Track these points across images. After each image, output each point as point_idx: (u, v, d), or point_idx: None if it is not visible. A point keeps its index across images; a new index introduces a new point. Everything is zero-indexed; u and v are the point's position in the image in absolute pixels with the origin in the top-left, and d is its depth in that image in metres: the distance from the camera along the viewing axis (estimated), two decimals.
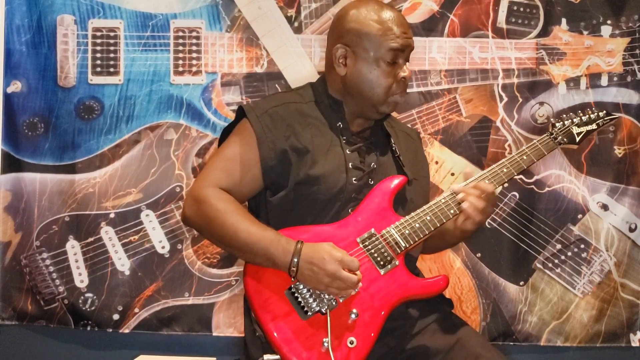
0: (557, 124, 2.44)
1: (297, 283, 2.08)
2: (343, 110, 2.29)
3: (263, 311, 2.08)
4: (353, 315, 2.07)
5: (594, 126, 2.47)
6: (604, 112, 2.51)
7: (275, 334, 2.05)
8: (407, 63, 2.28)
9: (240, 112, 2.27)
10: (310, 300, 2.06)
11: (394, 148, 2.35)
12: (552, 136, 2.39)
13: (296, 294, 2.07)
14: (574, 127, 2.44)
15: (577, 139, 2.43)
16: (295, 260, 2.04)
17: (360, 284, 2.07)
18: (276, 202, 2.21)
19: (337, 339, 2.05)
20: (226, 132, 2.32)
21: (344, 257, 2.05)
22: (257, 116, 2.21)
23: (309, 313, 2.06)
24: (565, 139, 2.40)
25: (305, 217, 2.19)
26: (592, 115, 2.48)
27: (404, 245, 2.15)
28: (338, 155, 2.23)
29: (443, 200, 2.22)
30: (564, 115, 2.46)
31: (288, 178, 2.18)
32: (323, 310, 2.05)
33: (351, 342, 2.06)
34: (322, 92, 2.32)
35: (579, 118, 2.46)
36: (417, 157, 2.47)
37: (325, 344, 2.03)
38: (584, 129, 2.45)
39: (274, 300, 2.08)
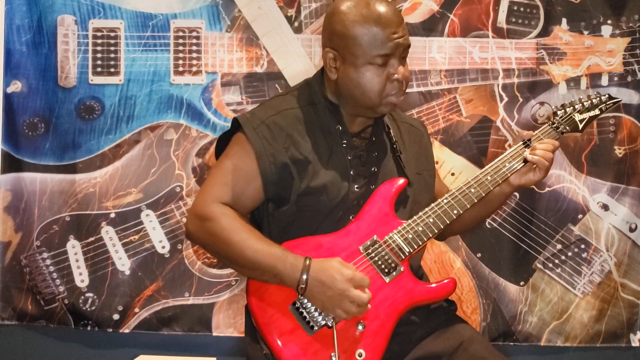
0: (558, 112, 2.38)
1: (302, 297, 2.04)
2: (341, 112, 2.23)
3: (268, 328, 2.05)
4: (360, 327, 2.05)
5: (597, 111, 2.41)
6: (606, 95, 2.45)
7: (282, 351, 2.03)
8: (405, 61, 2.17)
9: (236, 124, 2.21)
10: (316, 314, 2.04)
11: (395, 146, 2.32)
12: (553, 125, 2.33)
13: (301, 309, 2.05)
14: (576, 114, 2.38)
15: (580, 126, 2.38)
16: (305, 277, 2.00)
17: (369, 306, 2.03)
18: (278, 215, 2.18)
19: (345, 352, 2.03)
20: (221, 142, 2.26)
21: (355, 275, 2.01)
22: (254, 128, 2.15)
23: (315, 327, 2.03)
24: (567, 127, 2.35)
25: (308, 227, 2.15)
26: (594, 100, 2.42)
27: (408, 250, 2.12)
28: (340, 163, 2.18)
29: (445, 201, 2.20)
30: (565, 103, 2.42)
31: (290, 191, 2.14)
32: (329, 323, 2.03)
33: (360, 355, 2.04)
34: (319, 93, 2.25)
35: (580, 104, 2.40)
36: (420, 148, 2.42)
37: (334, 358, 2.01)
38: (586, 115, 2.40)
39: (278, 316, 2.06)
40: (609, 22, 3.38)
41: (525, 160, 2.26)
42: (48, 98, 3.34)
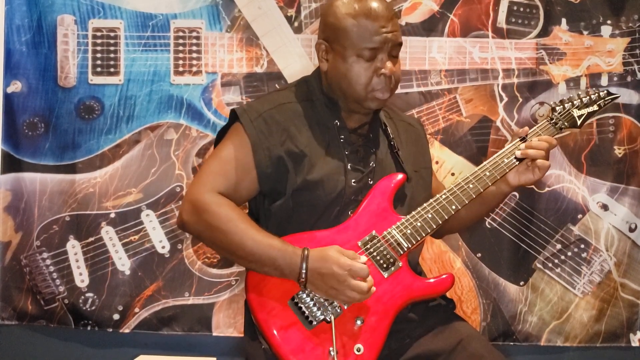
0: (557, 108, 2.38)
1: (300, 293, 2.06)
2: (339, 107, 2.24)
3: (267, 323, 2.06)
4: (359, 322, 2.06)
5: (595, 107, 2.42)
6: (605, 91, 2.45)
7: (281, 346, 2.03)
8: (395, 59, 2.19)
9: (234, 115, 2.23)
10: (315, 309, 2.05)
11: (392, 143, 2.32)
12: (552, 121, 2.34)
13: (300, 304, 2.05)
14: (574, 110, 2.38)
15: (579, 122, 2.38)
16: (304, 269, 2.02)
17: (374, 289, 2.04)
18: (275, 210, 2.18)
19: (343, 347, 2.03)
20: (221, 135, 2.27)
21: (353, 265, 2.01)
22: (251, 120, 2.17)
23: (314, 322, 2.04)
24: (566, 123, 2.35)
25: (305, 222, 2.16)
26: (592, 96, 2.42)
27: (406, 245, 2.13)
28: (336, 157, 2.19)
29: (444, 197, 2.21)
30: (564, 99, 2.42)
31: (285, 185, 2.15)
32: (328, 318, 2.03)
33: (358, 350, 2.04)
34: (317, 89, 2.27)
35: (579, 100, 2.40)
36: (418, 147, 2.43)
37: (332, 353, 2.01)
38: (585, 111, 2.40)
39: (277, 311, 2.06)
40: (609, 22, 3.38)
41: (519, 158, 2.26)
42: (48, 98, 3.35)
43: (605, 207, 3.40)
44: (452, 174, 3.36)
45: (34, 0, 3.31)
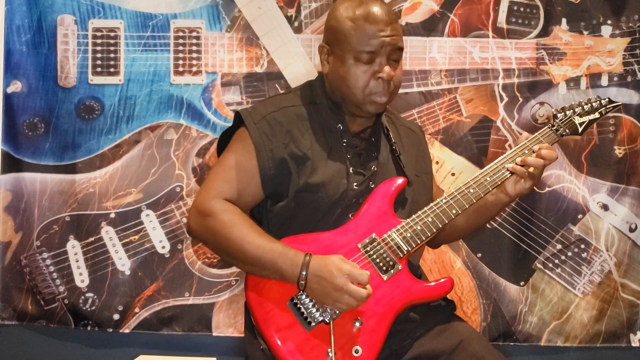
0: (558, 115, 2.38)
1: (300, 294, 2.06)
2: (342, 110, 2.26)
3: (266, 324, 2.06)
4: (357, 324, 2.06)
5: (596, 115, 2.43)
6: (606, 99, 2.45)
7: (279, 347, 2.04)
8: (395, 63, 2.19)
9: (238, 118, 2.24)
10: (313, 310, 2.05)
11: (394, 147, 2.33)
12: (553, 128, 2.34)
13: (298, 305, 2.05)
14: (576, 117, 2.39)
15: (580, 129, 2.39)
16: (304, 273, 2.02)
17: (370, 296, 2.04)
18: (277, 211, 2.19)
19: (342, 349, 2.04)
20: (224, 138, 2.29)
21: (353, 270, 2.02)
22: (255, 123, 2.18)
23: (313, 324, 2.04)
24: (567, 130, 2.35)
25: (306, 224, 2.17)
26: (594, 104, 2.43)
27: (406, 249, 2.13)
28: (339, 161, 2.20)
29: (444, 201, 2.21)
30: (565, 106, 2.42)
31: (288, 187, 2.16)
32: (326, 320, 2.04)
33: (356, 351, 2.05)
34: (321, 93, 2.28)
35: (580, 107, 2.40)
36: (419, 152, 2.44)
37: (330, 354, 2.01)
38: (586, 118, 2.40)
39: (276, 312, 2.07)
40: (609, 22, 3.38)
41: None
42: (48, 98, 3.35)
43: (605, 207, 3.39)
44: (452, 174, 3.36)
45: (34, 0, 3.31)
